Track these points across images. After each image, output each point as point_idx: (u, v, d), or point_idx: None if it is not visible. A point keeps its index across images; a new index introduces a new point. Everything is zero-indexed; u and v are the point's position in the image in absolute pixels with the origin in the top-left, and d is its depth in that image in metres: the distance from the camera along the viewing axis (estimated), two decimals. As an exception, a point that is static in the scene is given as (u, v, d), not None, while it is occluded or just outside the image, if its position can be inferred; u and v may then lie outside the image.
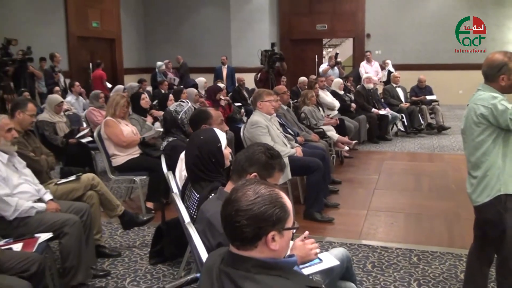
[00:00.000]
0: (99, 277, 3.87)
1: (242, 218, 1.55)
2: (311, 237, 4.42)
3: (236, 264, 1.59)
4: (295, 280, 1.59)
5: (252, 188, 1.60)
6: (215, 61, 14.45)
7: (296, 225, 1.65)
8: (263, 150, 2.49)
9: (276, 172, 2.49)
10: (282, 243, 1.60)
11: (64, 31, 13.10)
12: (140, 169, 5.37)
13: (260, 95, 5.26)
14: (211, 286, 1.64)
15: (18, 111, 4.31)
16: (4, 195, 3.42)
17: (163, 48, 16.01)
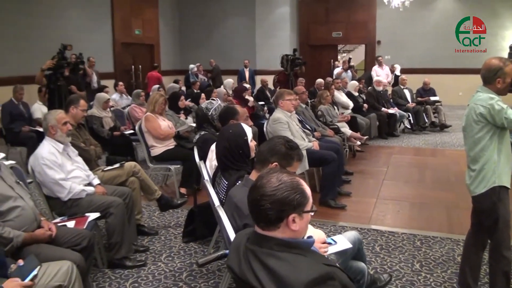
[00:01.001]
0: (140, 252, 3.93)
1: (266, 202, 1.58)
2: (326, 221, 4.48)
3: (261, 243, 1.62)
4: (312, 258, 1.61)
5: (276, 176, 1.63)
6: (242, 64, 14.45)
7: (314, 209, 1.68)
8: (283, 142, 2.51)
9: (294, 161, 2.50)
10: (301, 225, 1.62)
11: (110, 38, 13.24)
12: (175, 159, 5.41)
13: (281, 95, 5.26)
14: (239, 261, 1.67)
15: (72, 107, 4.39)
16: (59, 179, 3.50)
17: (196, 52, 16.06)
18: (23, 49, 9.41)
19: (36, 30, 10.35)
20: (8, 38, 9.68)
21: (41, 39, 10.01)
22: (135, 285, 3.40)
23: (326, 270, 1.54)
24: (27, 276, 2.22)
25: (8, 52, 9.28)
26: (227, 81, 9.78)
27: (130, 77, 13.99)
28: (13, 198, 2.76)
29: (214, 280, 3.44)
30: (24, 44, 9.76)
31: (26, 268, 2.26)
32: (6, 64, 8.90)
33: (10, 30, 9.76)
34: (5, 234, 2.60)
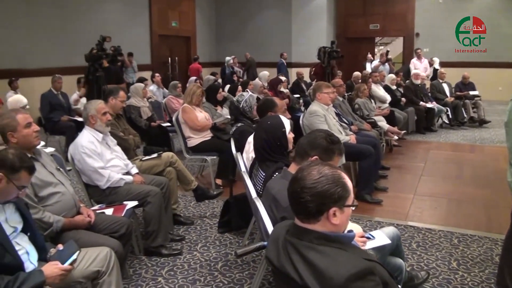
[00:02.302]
0: (175, 241, 3.96)
1: (307, 194, 1.55)
2: (362, 216, 4.41)
3: (301, 235, 1.59)
4: (352, 252, 1.57)
5: (317, 169, 1.59)
6: (278, 57, 14.38)
7: (355, 203, 1.63)
8: (324, 135, 2.46)
9: (335, 156, 2.44)
10: (342, 218, 1.59)
11: (148, 30, 13.42)
12: (211, 150, 5.43)
13: (319, 87, 5.18)
14: (278, 253, 1.65)
15: (111, 97, 4.45)
16: (99, 168, 3.56)
17: (231, 44, 16.09)
18: (63, 41, 9.65)
19: (76, 23, 10.59)
20: (48, 30, 9.94)
21: (80, 32, 10.24)
22: (171, 273, 3.43)
23: (366, 265, 1.50)
24: (67, 261, 2.25)
25: (49, 44, 9.53)
26: (262, 73, 9.74)
27: (166, 69, 14.15)
28: (53, 184, 2.81)
29: (249, 271, 3.43)
30: (63, 36, 10.00)
31: (65, 252, 2.30)
32: (47, 55, 9.14)
33: (50, 23, 10.02)
34: (45, 218, 2.65)
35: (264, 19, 16.04)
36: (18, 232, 2.24)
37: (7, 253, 2.07)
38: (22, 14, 9.44)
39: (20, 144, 2.66)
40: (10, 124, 2.68)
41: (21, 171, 2.15)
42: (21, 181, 2.16)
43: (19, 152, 2.22)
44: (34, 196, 2.67)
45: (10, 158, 2.13)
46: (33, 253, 2.27)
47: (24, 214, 2.29)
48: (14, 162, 2.13)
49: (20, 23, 9.39)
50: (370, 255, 1.71)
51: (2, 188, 2.12)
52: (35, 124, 2.79)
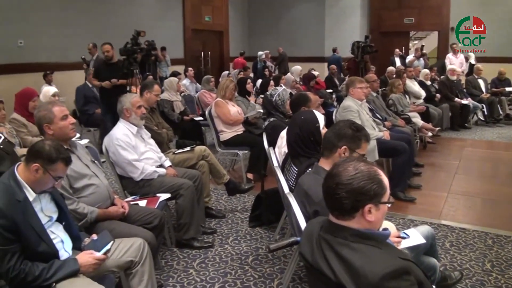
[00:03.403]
0: (207, 234, 3.98)
1: (342, 191, 1.52)
2: (395, 214, 4.33)
3: (335, 232, 1.57)
4: (387, 251, 1.53)
5: (353, 165, 1.56)
6: (311, 51, 14.26)
7: (391, 200, 1.59)
8: (349, 124, 2.44)
9: (363, 142, 2.42)
10: (378, 216, 1.55)
11: (181, 24, 13.51)
12: (243, 144, 5.43)
13: (352, 82, 5.10)
14: (311, 249, 1.62)
15: (146, 91, 4.50)
16: (133, 160, 3.59)
17: (264, 39, 16.04)
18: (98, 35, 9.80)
19: (110, 17, 10.76)
20: (84, 24, 10.13)
21: (115, 26, 10.39)
22: (202, 265, 3.45)
23: (402, 264, 1.46)
24: (100, 250, 2.29)
25: (83, 38, 9.71)
26: (294, 68, 9.68)
27: (199, 64, 14.23)
28: (88, 176, 2.86)
29: (280, 266, 3.42)
30: (98, 31, 10.18)
31: (99, 242, 2.34)
32: (82, 49, 9.32)
33: (85, 17, 10.21)
34: (79, 209, 2.70)
35: (297, 13, 15.91)
36: (53, 221, 2.29)
37: (42, 241, 2.12)
38: (58, 8, 9.65)
39: (56, 136, 2.71)
40: (47, 116, 2.73)
41: (57, 162, 2.18)
42: (57, 172, 2.20)
43: (56, 143, 2.26)
44: (69, 188, 2.72)
45: (47, 149, 2.17)
46: (67, 242, 2.32)
47: (59, 204, 2.34)
48: (51, 153, 2.17)
49: (57, 17, 9.60)
50: (405, 254, 1.66)
51: (39, 178, 2.16)
52: (71, 117, 2.83)
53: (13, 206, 2.03)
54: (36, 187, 2.18)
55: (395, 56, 13.08)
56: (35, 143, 2.25)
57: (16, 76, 8.29)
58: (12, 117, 4.48)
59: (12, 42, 8.74)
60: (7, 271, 1.99)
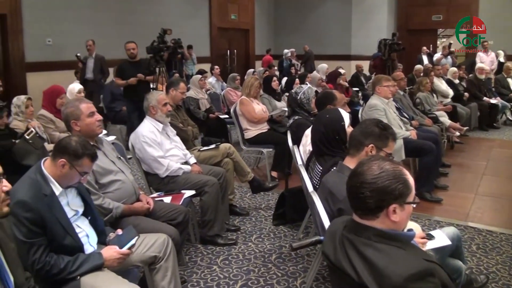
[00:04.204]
0: (231, 231, 3.99)
1: (366, 190, 1.50)
2: (420, 215, 4.25)
3: (358, 232, 1.54)
4: (412, 252, 1.50)
5: (377, 164, 1.53)
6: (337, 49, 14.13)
7: (417, 200, 1.56)
8: (375, 123, 2.41)
9: (390, 141, 2.38)
10: (402, 216, 1.52)
11: (207, 23, 13.57)
12: (268, 142, 5.42)
13: (379, 81, 5.02)
14: (334, 249, 1.60)
15: (172, 89, 4.54)
16: (158, 157, 3.63)
17: (290, 37, 15.97)
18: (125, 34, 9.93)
19: (137, 16, 10.88)
20: (111, 23, 10.28)
21: (142, 24, 10.51)
22: (225, 262, 3.46)
23: (426, 266, 1.43)
24: (125, 245, 2.32)
25: (111, 36, 9.86)
26: (320, 66, 9.61)
27: (225, 62, 14.28)
28: (114, 172, 2.90)
29: (303, 265, 3.40)
30: (125, 29, 10.31)
31: (124, 237, 2.37)
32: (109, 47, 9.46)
33: (112, 16, 10.36)
34: (105, 204, 2.74)
35: (324, 11, 15.78)
36: (79, 215, 2.33)
37: (68, 235, 2.16)
38: (86, 6, 9.81)
39: (83, 132, 2.75)
40: (74, 113, 2.77)
41: (83, 158, 2.22)
42: (83, 167, 2.24)
43: (82, 139, 2.30)
44: (95, 183, 2.76)
45: (73, 145, 2.21)
46: (93, 236, 2.35)
47: (85, 198, 2.38)
48: (77, 149, 2.20)
49: (84, 16, 9.77)
50: (430, 256, 1.63)
51: (65, 173, 2.20)
52: (98, 114, 2.88)
53: (40, 200, 2.07)
54: (63, 182, 2.22)
55: (422, 54, 12.84)
56: (62, 139, 2.29)
57: (45, 74, 8.46)
58: (39, 114, 4.58)
59: (41, 40, 8.93)
60: (33, 263, 2.03)
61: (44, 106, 4.64)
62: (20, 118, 4.26)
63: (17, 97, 4.35)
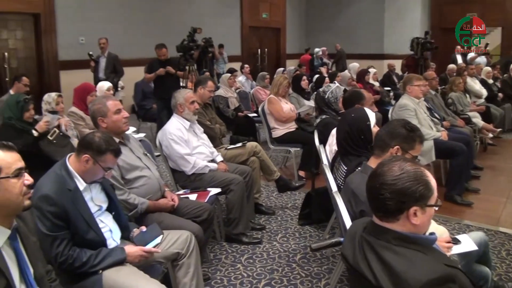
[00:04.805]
0: (256, 230, 3.99)
1: (386, 191, 1.46)
2: (450, 218, 4.15)
3: (378, 234, 1.51)
4: (433, 257, 1.45)
5: (398, 164, 1.49)
6: (369, 48, 13.93)
7: (439, 203, 1.51)
8: (403, 124, 2.35)
9: (417, 144, 2.32)
10: (423, 219, 1.48)
11: (239, 21, 13.61)
12: (295, 142, 5.38)
13: (410, 80, 4.92)
14: (353, 251, 1.57)
15: (200, 87, 4.56)
16: (185, 154, 3.66)
17: (321, 36, 15.83)
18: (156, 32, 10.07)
19: (169, 15, 11.00)
20: (142, 22, 10.43)
21: (173, 23, 10.62)
22: (249, 261, 3.46)
23: (447, 272, 1.39)
24: (149, 243, 2.35)
25: (142, 35, 10.02)
26: (352, 65, 9.50)
27: (256, 61, 14.29)
28: (139, 168, 2.93)
29: (328, 266, 3.36)
30: (156, 28, 10.45)
31: (148, 235, 2.40)
32: (141, 46, 9.61)
33: (144, 15, 10.50)
34: (130, 200, 2.78)
35: (356, 9, 15.58)
36: (103, 210, 2.36)
37: (91, 229, 2.20)
38: (118, 6, 10.00)
39: (110, 129, 2.80)
40: (101, 109, 2.82)
41: (106, 154, 2.26)
42: (106, 163, 2.27)
43: (105, 135, 2.34)
44: (121, 179, 2.81)
45: (97, 141, 2.25)
46: (116, 232, 2.39)
47: (109, 194, 2.42)
48: (101, 145, 2.24)
49: (116, 15, 9.95)
50: (452, 261, 1.58)
51: (89, 169, 2.24)
52: (125, 111, 2.92)
53: (64, 195, 2.12)
54: (87, 177, 2.26)
55: (456, 53, 12.49)
56: (86, 135, 2.34)
57: (78, 72, 8.63)
58: (70, 111, 4.69)
59: (74, 39, 9.15)
60: (56, 256, 2.08)
61: (74, 103, 4.74)
62: (51, 114, 4.36)
63: (47, 94, 4.46)
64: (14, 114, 3.85)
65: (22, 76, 5.90)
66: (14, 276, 1.61)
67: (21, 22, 8.76)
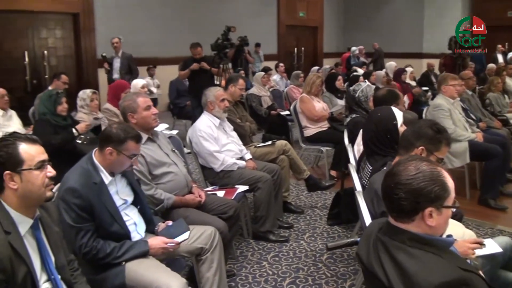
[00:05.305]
0: (284, 228, 3.99)
1: (400, 191, 1.44)
2: (483, 223, 4.02)
3: (392, 234, 1.49)
4: (448, 260, 1.42)
5: (414, 164, 1.46)
6: (408, 47, 13.62)
7: (457, 205, 1.48)
8: (430, 124, 2.29)
9: (443, 146, 2.26)
10: (439, 220, 1.44)
11: (275, 20, 13.59)
12: (327, 141, 5.34)
13: (444, 79, 4.79)
14: (368, 251, 1.56)
15: (231, 85, 4.61)
16: (214, 151, 3.70)
17: (359, 34, 15.59)
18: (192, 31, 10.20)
19: (207, 13, 11.10)
20: (180, 20, 10.58)
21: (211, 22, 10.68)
22: (275, 259, 3.46)
23: (460, 275, 1.35)
24: (175, 238, 2.40)
25: (179, 33, 10.16)
26: (389, 63, 9.33)
27: (292, 59, 14.24)
28: (167, 164, 2.99)
29: (354, 267, 3.33)
30: (193, 27, 10.57)
31: (174, 229, 2.45)
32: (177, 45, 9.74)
33: (181, 13, 10.65)
34: (157, 195, 2.84)
35: (395, 7, 15.26)
36: (128, 204, 2.42)
37: (115, 222, 2.26)
38: (156, 4, 10.19)
39: (139, 125, 2.87)
40: (131, 106, 2.90)
41: (127, 141, 2.31)
42: (129, 150, 2.33)
43: (122, 125, 2.40)
44: (148, 174, 2.87)
45: (115, 132, 2.31)
46: (141, 225, 2.45)
47: (135, 188, 2.48)
48: (119, 135, 2.30)
49: (155, 14, 10.14)
50: (469, 265, 1.53)
51: (114, 160, 2.30)
52: (154, 108, 2.98)
53: (89, 188, 2.19)
54: (116, 168, 2.34)
55: (497, 53, 12.05)
56: (104, 129, 2.42)
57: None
58: (104, 107, 4.82)
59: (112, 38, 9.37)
60: (80, 247, 2.15)
61: (109, 100, 4.88)
62: (85, 110, 4.50)
63: (82, 91, 4.60)
64: (47, 109, 3.96)
65: (61, 74, 6.09)
66: (35, 264, 1.68)
67: (60, 21, 9.09)
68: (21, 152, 1.65)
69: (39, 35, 8.82)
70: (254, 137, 4.95)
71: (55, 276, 1.74)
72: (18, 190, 1.65)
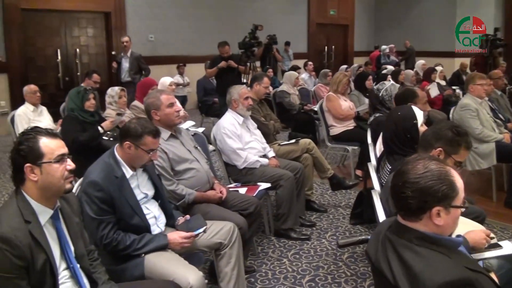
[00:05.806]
0: (306, 226, 4.00)
1: (408, 189, 1.44)
2: (508, 226, 3.92)
3: (400, 233, 1.50)
4: (455, 259, 1.42)
5: (423, 163, 1.47)
6: (439, 45, 13.34)
7: (466, 205, 1.47)
8: (450, 126, 2.27)
9: (462, 149, 2.24)
10: (447, 220, 1.44)
11: (305, 19, 13.55)
12: (353, 140, 5.31)
13: (472, 79, 4.70)
14: (376, 249, 1.57)
15: (255, 83, 4.64)
16: (237, 149, 3.75)
17: (390, 33, 15.38)
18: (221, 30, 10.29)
19: (237, 12, 11.19)
20: (210, 20, 10.70)
21: (241, 20, 10.78)
22: (296, 256, 3.49)
23: (465, 275, 1.35)
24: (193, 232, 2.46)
25: (210, 32, 10.28)
26: (418, 62, 9.20)
27: (322, 58, 14.17)
28: (189, 161, 3.05)
29: (374, 266, 3.32)
30: (221, 25, 10.68)
31: (191, 224, 2.51)
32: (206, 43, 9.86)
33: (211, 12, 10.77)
34: (178, 191, 2.91)
35: (427, 5, 14.95)
36: (149, 198, 2.49)
37: (136, 215, 2.33)
38: (186, 5, 10.34)
39: (162, 122, 2.95)
40: (154, 103, 2.98)
41: (144, 136, 2.37)
42: (147, 145, 2.38)
43: (140, 120, 2.46)
44: (170, 170, 2.94)
45: (133, 127, 2.37)
46: (161, 219, 2.52)
47: (155, 183, 2.54)
48: (137, 130, 2.36)
49: (185, 13, 10.30)
50: (477, 266, 1.52)
51: (133, 155, 2.37)
52: (177, 105, 3.05)
53: (110, 181, 2.27)
54: (135, 163, 2.40)
55: None
56: (124, 124, 2.49)
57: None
58: (132, 104, 4.93)
59: (144, 37, 9.59)
60: (101, 238, 2.23)
61: (137, 97, 4.98)
62: (113, 107, 4.63)
63: (111, 88, 4.72)
64: (76, 104, 4.09)
65: (93, 73, 6.25)
66: (55, 252, 1.76)
67: (92, 20, 9.35)
68: (41, 146, 1.73)
69: (72, 34, 9.10)
70: (280, 135, 4.97)
71: (74, 265, 1.82)
72: (38, 182, 1.73)
